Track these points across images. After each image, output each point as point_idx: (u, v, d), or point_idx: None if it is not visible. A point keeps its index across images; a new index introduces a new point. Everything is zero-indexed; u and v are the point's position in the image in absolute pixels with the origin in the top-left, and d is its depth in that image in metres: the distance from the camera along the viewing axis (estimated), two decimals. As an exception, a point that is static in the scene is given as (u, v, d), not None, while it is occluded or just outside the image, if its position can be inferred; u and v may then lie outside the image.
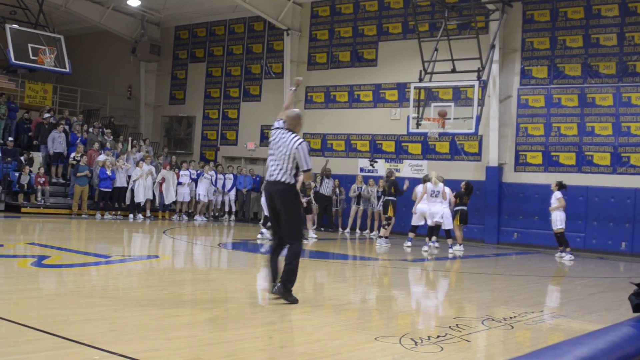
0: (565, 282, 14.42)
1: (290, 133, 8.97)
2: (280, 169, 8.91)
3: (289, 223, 9.00)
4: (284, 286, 8.91)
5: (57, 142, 25.22)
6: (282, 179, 8.90)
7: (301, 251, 9.28)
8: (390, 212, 19.90)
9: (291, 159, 8.84)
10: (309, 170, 8.93)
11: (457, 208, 19.58)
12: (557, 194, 19.42)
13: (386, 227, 20.10)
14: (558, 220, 19.40)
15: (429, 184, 19.20)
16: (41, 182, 23.61)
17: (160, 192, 25.54)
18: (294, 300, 8.95)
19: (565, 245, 19.47)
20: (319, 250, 17.61)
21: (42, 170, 23.98)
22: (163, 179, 25.45)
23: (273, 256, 9.27)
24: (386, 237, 20.02)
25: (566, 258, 19.05)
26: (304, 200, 18.80)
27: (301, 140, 8.91)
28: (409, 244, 19.57)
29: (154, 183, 25.11)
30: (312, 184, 21.94)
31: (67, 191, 25.00)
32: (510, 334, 7.92)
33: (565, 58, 22.72)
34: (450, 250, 19.14)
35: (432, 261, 17.03)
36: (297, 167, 8.92)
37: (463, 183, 19.94)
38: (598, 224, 21.72)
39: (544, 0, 23.16)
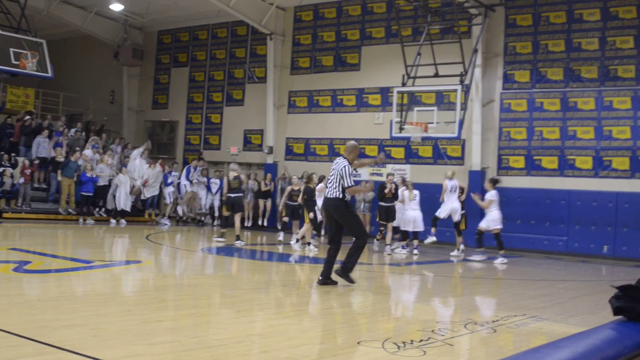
0: (547, 285, 14.45)
1: (341, 158, 11.34)
2: (333, 188, 11.18)
3: (350, 227, 11.30)
4: (343, 269, 11.15)
5: (41, 147, 25.16)
6: (333, 195, 11.19)
7: (364, 245, 11.40)
8: (377, 218, 19.84)
9: (339, 178, 11.12)
10: (349, 187, 11.12)
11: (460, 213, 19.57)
12: (492, 193, 18.74)
13: (379, 234, 19.93)
14: (497, 219, 18.70)
15: (447, 180, 19.17)
16: (27, 173, 23.56)
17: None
18: (351, 281, 11.20)
19: (481, 244, 18.93)
20: (306, 255, 17.60)
21: (27, 163, 23.95)
22: (146, 181, 25.46)
23: (330, 256, 11.28)
24: (388, 244, 19.57)
25: (498, 261, 18.28)
26: (311, 214, 18.67)
27: (347, 164, 11.18)
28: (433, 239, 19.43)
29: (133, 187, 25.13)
30: (371, 194, 21.65)
31: (48, 196, 24.89)
32: (493, 338, 7.94)
33: (548, 62, 22.82)
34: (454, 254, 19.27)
35: (415, 265, 17.06)
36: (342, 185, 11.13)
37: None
38: (580, 228, 21.80)
39: (527, 4, 23.27)
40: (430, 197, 21.42)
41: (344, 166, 11.13)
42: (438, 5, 23.17)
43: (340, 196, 11.17)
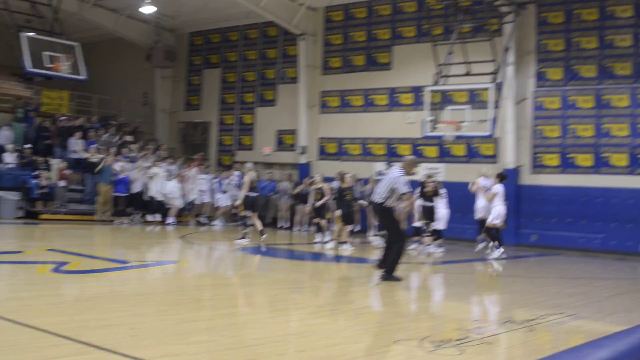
0: (584, 283, 14.35)
1: (395, 169, 12.35)
2: (381, 193, 12.07)
3: (389, 230, 12.31)
4: (386, 272, 11.96)
5: (75, 147, 25.43)
6: (379, 200, 12.09)
7: (402, 249, 12.16)
8: (419, 217, 19.19)
9: (389, 187, 11.98)
10: (405, 193, 12.06)
11: None
12: (496, 187, 18.21)
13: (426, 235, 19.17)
14: (500, 215, 18.17)
15: (482, 179, 18.77)
16: (65, 174, 23.81)
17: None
18: (397, 279, 11.95)
19: (497, 240, 18.45)
20: (337, 254, 17.58)
21: (64, 164, 24.19)
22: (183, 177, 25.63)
23: (387, 249, 12.25)
24: (428, 244, 18.90)
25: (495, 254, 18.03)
26: (337, 212, 18.59)
27: (402, 175, 12.08)
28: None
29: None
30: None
31: (84, 197, 25.09)
32: (530, 336, 7.89)
33: (581, 59, 22.63)
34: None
35: (450, 264, 16.97)
36: (391, 192, 11.97)
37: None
38: (617, 225, 21.58)
39: (558, 2, 23.09)
40: (464, 195, 21.31)
41: (399, 176, 12.05)
42: (469, 3, 23.04)
43: (383, 202, 12.05)
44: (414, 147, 25.38)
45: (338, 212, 18.57)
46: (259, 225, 19.33)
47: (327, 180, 21.02)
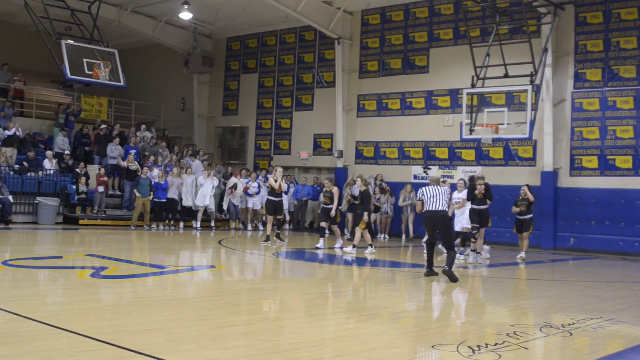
0: (623, 287, 14.20)
1: (438, 186, 13.67)
2: (441, 205, 13.39)
3: (447, 237, 13.58)
4: (449, 269, 12.97)
5: (113, 153, 25.68)
6: (444, 209, 13.46)
7: (456, 254, 14.13)
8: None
9: (447, 197, 13.65)
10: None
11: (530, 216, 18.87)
12: (465, 192, 17.53)
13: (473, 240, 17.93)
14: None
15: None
16: (103, 180, 24.08)
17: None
18: (455, 279, 12.96)
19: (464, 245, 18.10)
20: (374, 259, 17.57)
21: (102, 171, 24.43)
22: (232, 188, 25.73)
23: (430, 252, 13.72)
24: (479, 252, 17.69)
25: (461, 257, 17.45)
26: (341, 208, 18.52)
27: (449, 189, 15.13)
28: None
29: (212, 189, 25.17)
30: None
31: (122, 202, 25.32)
32: (568, 341, 7.84)
33: (620, 60, 22.40)
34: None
35: (486, 268, 16.86)
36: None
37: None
38: (657, 229, 21.37)
39: (597, 2, 22.88)
40: (502, 198, 21.26)
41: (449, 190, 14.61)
42: (506, 5, 22.90)
43: (447, 210, 13.87)
44: (452, 150, 25.29)
45: (366, 218, 18.45)
46: (268, 229, 20.20)
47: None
